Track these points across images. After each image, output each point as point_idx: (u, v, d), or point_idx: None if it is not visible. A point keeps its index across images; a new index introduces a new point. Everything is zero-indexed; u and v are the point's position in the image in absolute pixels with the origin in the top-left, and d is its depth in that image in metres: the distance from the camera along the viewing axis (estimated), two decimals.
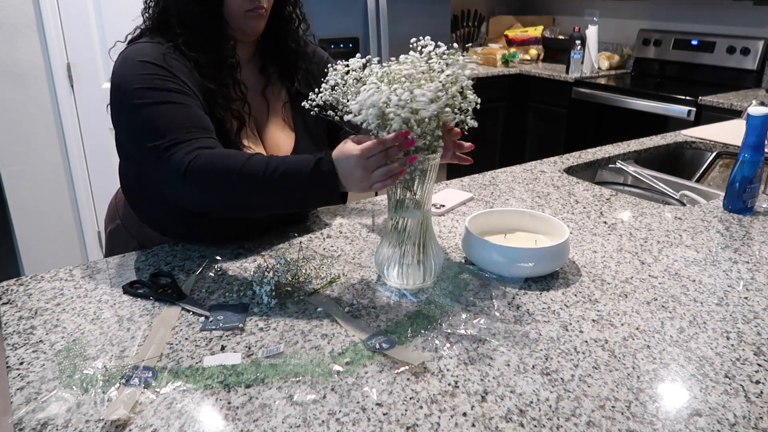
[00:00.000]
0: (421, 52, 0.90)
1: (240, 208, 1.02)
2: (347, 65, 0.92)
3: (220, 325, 0.89)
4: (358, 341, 0.84)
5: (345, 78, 0.91)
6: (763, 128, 1.27)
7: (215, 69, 1.06)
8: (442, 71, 0.87)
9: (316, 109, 0.92)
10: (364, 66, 0.92)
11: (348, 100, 0.90)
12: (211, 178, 0.96)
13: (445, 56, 0.89)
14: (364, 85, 0.87)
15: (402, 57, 0.90)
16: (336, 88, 0.92)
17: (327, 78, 0.93)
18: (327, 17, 2.88)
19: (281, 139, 1.18)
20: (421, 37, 0.91)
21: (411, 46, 0.91)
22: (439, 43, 0.90)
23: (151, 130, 0.98)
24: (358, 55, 0.94)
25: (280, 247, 1.14)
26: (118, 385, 0.75)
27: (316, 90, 0.93)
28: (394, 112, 0.83)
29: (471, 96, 0.89)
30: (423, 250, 0.97)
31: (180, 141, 0.97)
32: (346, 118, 0.89)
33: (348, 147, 0.90)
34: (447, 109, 0.85)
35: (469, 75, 0.89)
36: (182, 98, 1.01)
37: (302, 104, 0.95)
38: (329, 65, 0.95)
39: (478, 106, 0.89)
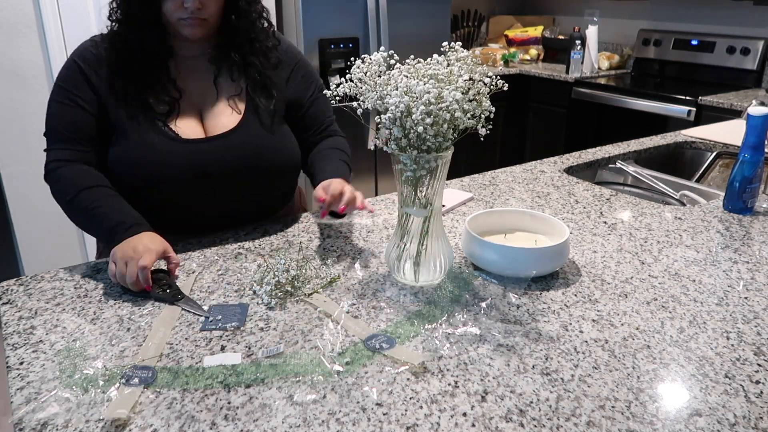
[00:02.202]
0: (443, 54, 0.92)
1: (71, 218, 1.14)
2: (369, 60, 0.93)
3: (220, 325, 0.89)
4: (358, 341, 0.84)
5: (368, 71, 0.92)
6: (763, 128, 1.27)
7: (146, 67, 1.13)
8: (461, 76, 0.88)
9: (338, 97, 0.93)
10: (389, 66, 0.92)
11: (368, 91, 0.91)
12: (55, 191, 1.12)
13: (466, 63, 0.90)
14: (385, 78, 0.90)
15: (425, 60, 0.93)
16: (360, 81, 0.92)
17: (351, 71, 0.93)
18: (327, 17, 2.88)
19: (222, 120, 1.19)
20: (446, 43, 0.94)
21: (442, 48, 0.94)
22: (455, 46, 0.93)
23: (46, 120, 1.15)
24: (382, 48, 0.95)
25: (281, 248, 1.14)
26: (118, 384, 0.75)
27: (337, 81, 0.93)
28: (419, 107, 0.84)
29: (486, 104, 0.89)
30: (433, 246, 0.97)
31: (53, 146, 1.13)
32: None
33: (147, 262, 0.97)
34: (458, 114, 0.85)
35: (489, 83, 0.90)
36: (77, 100, 1.12)
37: (324, 92, 0.99)
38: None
39: (492, 115, 0.89)
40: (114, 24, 1.14)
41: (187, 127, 1.16)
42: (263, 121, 1.21)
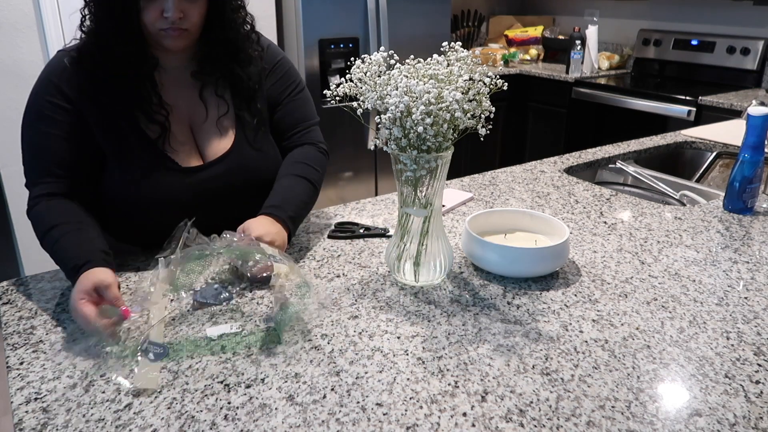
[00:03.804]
0: (443, 54, 0.93)
1: None
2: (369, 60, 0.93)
3: (212, 300, 0.92)
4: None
5: (368, 71, 0.92)
6: (763, 128, 1.27)
7: (132, 81, 1.05)
8: (461, 76, 0.88)
9: (338, 97, 0.93)
10: (389, 66, 0.93)
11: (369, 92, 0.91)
12: (34, 228, 1.03)
13: (466, 63, 0.91)
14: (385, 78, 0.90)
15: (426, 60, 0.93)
16: (360, 81, 0.92)
17: (351, 71, 0.93)
18: (327, 17, 2.88)
19: (216, 141, 1.14)
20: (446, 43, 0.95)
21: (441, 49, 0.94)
22: (456, 47, 0.93)
23: (24, 150, 1.09)
24: (382, 48, 0.95)
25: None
26: (139, 356, 0.78)
27: (337, 81, 0.93)
28: (419, 107, 0.84)
29: (486, 104, 0.89)
30: (433, 246, 0.97)
31: (34, 179, 1.07)
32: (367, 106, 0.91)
33: (81, 306, 0.86)
34: (458, 114, 0.85)
35: (489, 83, 0.90)
36: (54, 126, 1.04)
37: (324, 92, 0.95)
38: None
39: (492, 115, 0.90)
40: (88, 36, 1.04)
41: (183, 152, 1.10)
42: (251, 140, 1.16)
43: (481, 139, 0.90)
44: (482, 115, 0.90)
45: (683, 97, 2.93)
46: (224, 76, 1.15)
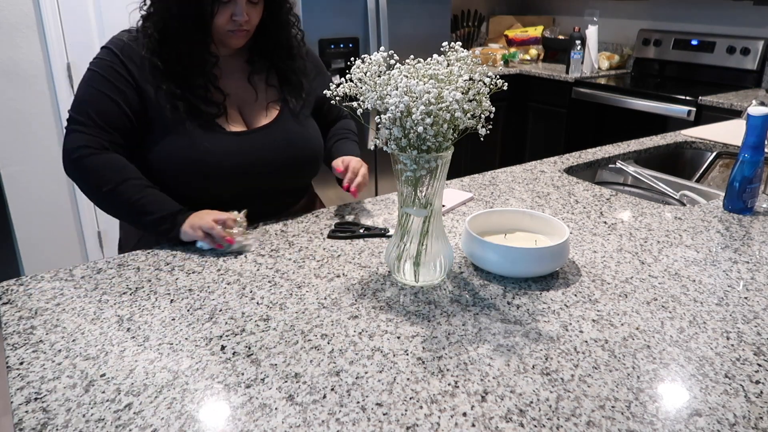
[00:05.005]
0: (442, 54, 0.93)
1: (103, 207, 1.19)
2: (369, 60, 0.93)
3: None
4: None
5: (368, 71, 0.92)
6: (763, 128, 1.27)
7: (193, 75, 1.19)
8: (461, 76, 0.88)
9: (338, 97, 0.93)
10: (389, 66, 0.93)
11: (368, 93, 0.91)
12: (87, 178, 1.15)
13: (466, 63, 0.91)
14: (385, 78, 0.90)
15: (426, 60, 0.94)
16: (360, 81, 0.92)
17: (351, 71, 0.94)
18: (327, 17, 2.88)
19: (262, 117, 1.29)
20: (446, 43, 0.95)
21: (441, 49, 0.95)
22: (457, 47, 0.93)
23: (77, 102, 1.16)
24: (382, 48, 0.95)
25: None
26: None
27: (336, 82, 0.95)
28: (419, 107, 0.84)
29: (486, 104, 0.89)
30: (433, 246, 0.97)
31: (86, 128, 1.14)
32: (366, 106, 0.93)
33: (206, 218, 1.13)
34: (458, 114, 0.85)
35: (489, 83, 0.90)
36: (114, 92, 1.15)
37: (324, 92, 0.99)
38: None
39: (492, 115, 0.90)
40: (152, 27, 1.16)
41: (231, 122, 1.24)
42: (295, 116, 1.31)
43: (481, 139, 0.90)
44: (482, 115, 0.90)
45: (683, 97, 2.93)
46: (276, 69, 1.30)
